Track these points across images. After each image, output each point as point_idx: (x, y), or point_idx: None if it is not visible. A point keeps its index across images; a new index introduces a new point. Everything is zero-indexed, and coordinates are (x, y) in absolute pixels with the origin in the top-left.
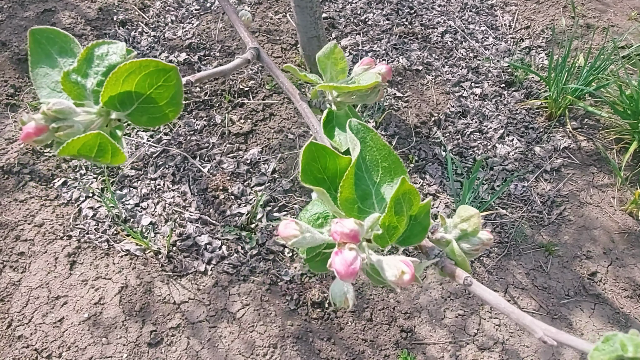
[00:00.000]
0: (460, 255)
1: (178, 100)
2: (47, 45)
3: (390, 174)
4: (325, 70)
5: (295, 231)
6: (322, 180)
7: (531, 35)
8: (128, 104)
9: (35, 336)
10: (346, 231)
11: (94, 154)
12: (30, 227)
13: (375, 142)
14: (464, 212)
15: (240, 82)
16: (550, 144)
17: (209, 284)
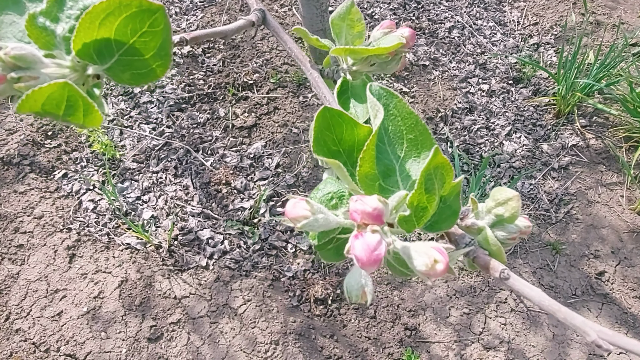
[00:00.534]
0: (496, 245)
1: (166, 50)
2: None
3: (417, 147)
4: (339, 34)
5: (305, 211)
6: (337, 153)
7: (540, 31)
8: (107, 56)
9: (33, 330)
10: (369, 210)
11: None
12: (29, 219)
13: (400, 109)
14: (500, 194)
15: (245, 75)
16: (558, 141)
17: (210, 279)
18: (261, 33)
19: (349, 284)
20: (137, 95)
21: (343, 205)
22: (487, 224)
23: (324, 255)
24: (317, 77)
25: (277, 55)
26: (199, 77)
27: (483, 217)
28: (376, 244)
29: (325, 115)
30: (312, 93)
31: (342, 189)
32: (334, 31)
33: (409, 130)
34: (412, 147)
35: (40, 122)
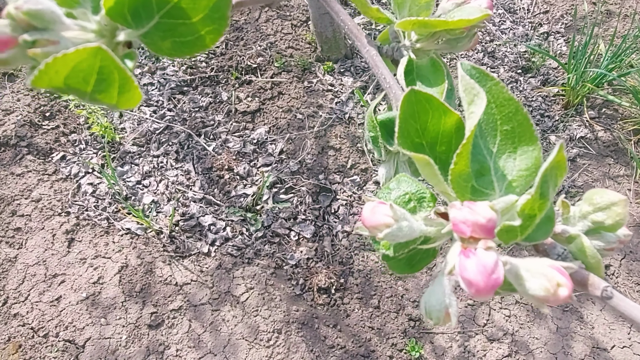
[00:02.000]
0: (595, 257)
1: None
2: None
3: (513, 141)
4: (402, 4)
5: (387, 218)
6: (420, 146)
7: (550, 20)
8: (144, 17)
9: (31, 314)
10: (482, 221)
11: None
12: (27, 202)
13: (496, 95)
14: (601, 197)
15: (249, 59)
16: (566, 133)
17: (212, 266)
18: (265, 15)
19: (429, 304)
20: (137, 76)
21: (423, 209)
22: (581, 231)
23: (394, 265)
24: (375, 56)
25: (282, 39)
26: (201, 59)
27: (575, 223)
28: (494, 265)
29: (411, 100)
30: (318, 78)
31: (421, 190)
32: (396, 1)
33: (504, 121)
34: (507, 141)
35: (38, 103)
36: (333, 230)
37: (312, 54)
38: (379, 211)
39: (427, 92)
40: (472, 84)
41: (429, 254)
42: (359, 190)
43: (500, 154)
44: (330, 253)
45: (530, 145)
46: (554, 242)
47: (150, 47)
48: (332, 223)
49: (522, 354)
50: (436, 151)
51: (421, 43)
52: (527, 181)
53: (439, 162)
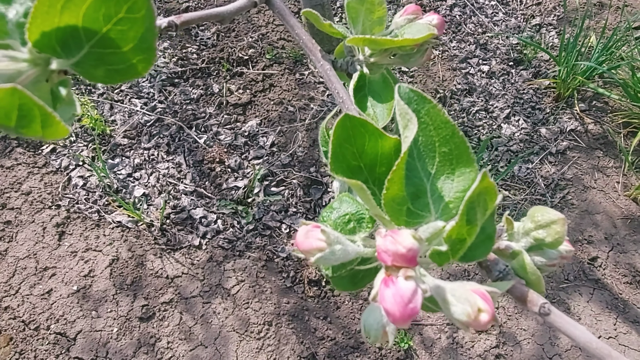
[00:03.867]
0: (535, 273)
1: (150, 43)
2: None
3: (451, 163)
4: (356, 19)
5: (320, 242)
6: (358, 169)
7: (542, 12)
8: (74, 47)
9: (22, 307)
10: (402, 251)
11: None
12: (17, 195)
13: (434, 117)
14: (542, 216)
15: (240, 51)
16: (557, 125)
17: (203, 259)
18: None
19: (368, 323)
20: None
21: (362, 230)
22: (524, 248)
23: (337, 284)
24: (329, 70)
25: (274, 30)
26: (192, 50)
27: (519, 239)
28: (411, 295)
29: (346, 125)
30: (309, 70)
31: (361, 210)
32: (350, 15)
33: (442, 143)
34: (445, 163)
35: None
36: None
37: None
38: (312, 235)
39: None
40: (406, 109)
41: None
42: None
43: (439, 176)
44: None
45: (467, 167)
46: (497, 259)
47: (83, 75)
48: None
49: (510, 345)
50: (376, 172)
51: (375, 58)
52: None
53: (379, 183)
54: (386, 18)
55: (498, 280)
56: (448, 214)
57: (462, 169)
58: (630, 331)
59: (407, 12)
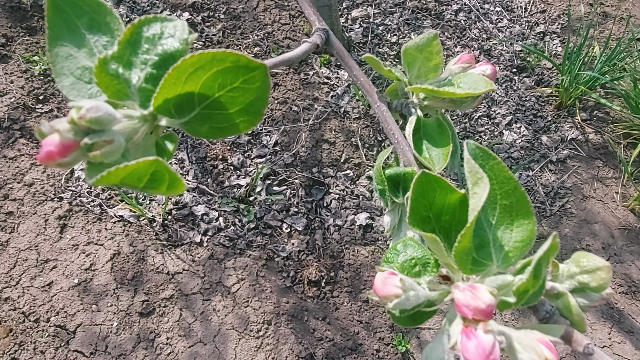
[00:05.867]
0: (579, 315)
1: (258, 108)
2: (72, 15)
3: (511, 215)
4: (412, 64)
5: (397, 289)
6: (427, 219)
7: (547, 20)
8: (186, 110)
9: (22, 299)
10: (482, 307)
11: (142, 184)
12: (19, 186)
13: (497, 173)
14: (588, 261)
15: (245, 48)
16: (558, 134)
17: (204, 256)
18: (263, 4)
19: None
20: None
21: (427, 273)
22: (568, 290)
23: (398, 320)
24: (385, 111)
25: (279, 29)
26: (197, 47)
27: (563, 281)
28: (491, 347)
29: (422, 181)
30: (314, 71)
31: (426, 255)
32: (406, 60)
33: (504, 196)
34: (505, 214)
35: (32, 86)
36: (325, 224)
37: None
38: (390, 282)
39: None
40: (477, 169)
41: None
42: (351, 185)
43: (499, 226)
44: (322, 246)
45: (526, 219)
46: (543, 299)
47: (188, 131)
48: (324, 216)
49: None
50: (441, 221)
51: (428, 101)
52: (521, 252)
53: (443, 230)
54: (442, 65)
55: (545, 320)
56: (507, 262)
57: (521, 220)
58: (625, 341)
59: (461, 61)
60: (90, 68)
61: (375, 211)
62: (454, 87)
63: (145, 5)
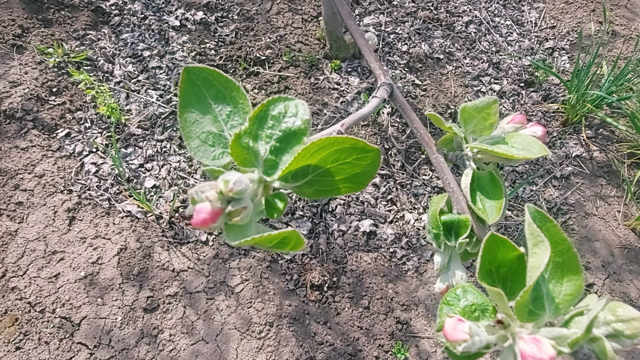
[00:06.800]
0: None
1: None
2: (201, 87)
3: (562, 271)
4: (468, 121)
5: (465, 335)
6: (490, 272)
7: (556, 35)
8: (300, 177)
9: (29, 289)
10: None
11: (272, 245)
12: (30, 177)
13: (552, 234)
14: (623, 312)
15: (258, 50)
16: (563, 150)
17: (209, 255)
18: (277, 7)
19: None
20: (145, 58)
21: (486, 318)
22: (603, 335)
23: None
24: (442, 163)
25: (292, 33)
26: (210, 46)
27: (599, 326)
28: None
29: (490, 242)
30: (324, 76)
31: (485, 302)
32: (463, 117)
33: (557, 254)
34: (557, 270)
35: (46, 77)
36: (329, 229)
37: (320, 50)
38: (459, 329)
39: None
40: (538, 232)
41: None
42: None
43: (551, 279)
44: (325, 251)
45: (575, 275)
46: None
47: (296, 192)
48: (329, 221)
49: None
50: (500, 272)
51: (481, 155)
52: (570, 304)
53: (501, 280)
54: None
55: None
56: (557, 313)
57: (571, 276)
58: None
59: (514, 121)
60: (213, 133)
61: (379, 218)
62: (509, 147)
63: (160, 3)
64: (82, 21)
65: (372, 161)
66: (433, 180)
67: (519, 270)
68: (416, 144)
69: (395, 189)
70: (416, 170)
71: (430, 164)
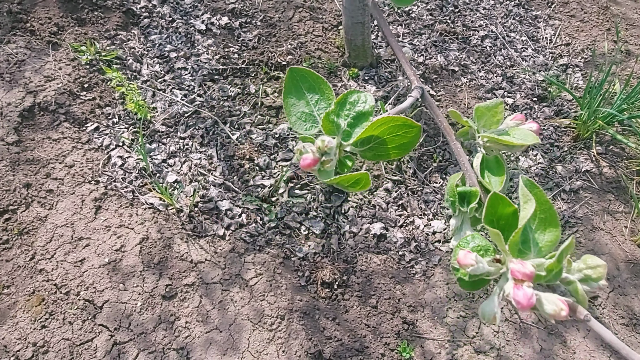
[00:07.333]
0: (583, 296)
1: (406, 148)
2: (299, 81)
3: (545, 224)
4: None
5: (472, 261)
6: (492, 221)
7: (570, 52)
8: (365, 144)
9: (56, 272)
10: (527, 272)
11: (348, 184)
12: (60, 166)
13: (539, 197)
14: (591, 261)
15: (279, 56)
16: (573, 164)
17: (225, 249)
18: (299, 15)
19: (484, 310)
20: (172, 59)
21: (488, 255)
22: (577, 279)
23: (464, 284)
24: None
25: (312, 40)
26: (234, 50)
27: (574, 273)
28: (532, 295)
29: (492, 198)
30: (342, 83)
31: (487, 245)
32: (476, 114)
33: (542, 212)
34: (541, 224)
35: (78, 74)
36: (341, 230)
37: (339, 58)
38: (469, 257)
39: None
40: (527, 193)
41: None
42: (369, 195)
43: (537, 230)
44: (336, 250)
45: (554, 228)
46: (559, 284)
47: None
48: (341, 223)
49: None
50: (500, 223)
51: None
52: (549, 249)
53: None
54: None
55: None
56: (540, 254)
57: (551, 229)
58: None
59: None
60: (306, 113)
61: (390, 222)
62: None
63: (187, 7)
64: (114, 22)
65: (415, 134)
66: (443, 188)
67: (513, 222)
68: (428, 152)
69: (406, 195)
70: (427, 177)
71: (441, 172)
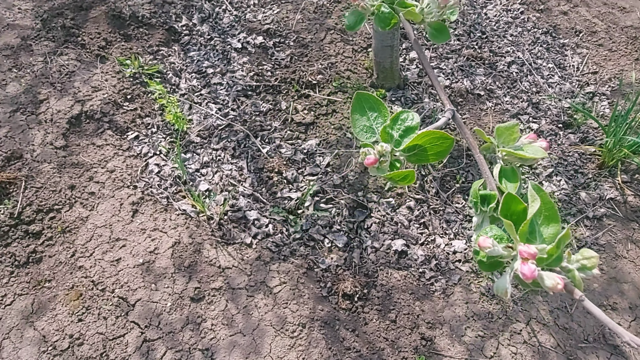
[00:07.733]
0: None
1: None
2: (363, 102)
3: (549, 220)
4: (500, 135)
5: (490, 244)
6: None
7: (597, 81)
8: (411, 150)
9: (94, 269)
10: (532, 252)
11: (398, 179)
12: (103, 171)
13: (544, 198)
14: (587, 253)
15: (310, 75)
16: (597, 192)
17: (252, 257)
18: (330, 37)
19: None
20: (209, 75)
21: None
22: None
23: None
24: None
25: (342, 61)
26: (267, 68)
27: (572, 263)
28: (535, 270)
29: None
30: None
31: (502, 234)
32: (497, 133)
33: (546, 210)
34: (545, 220)
35: (122, 85)
36: (363, 244)
37: (367, 79)
38: (487, 240)
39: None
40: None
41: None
42: (392, 212)
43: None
44: (358, 264)
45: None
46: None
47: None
48: (364, 237)
49: None
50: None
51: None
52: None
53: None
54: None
55: None
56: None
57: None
58: None
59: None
60: (367, 126)
61: (411, 239)
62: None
63: (225, 27)
64: (157, 38)
65: (449, 144)
66: (465, 209)
67: (523, 217)
68: (451, 172)
69: (428, 214)
70: (450, 197)
71: (464, 193)
